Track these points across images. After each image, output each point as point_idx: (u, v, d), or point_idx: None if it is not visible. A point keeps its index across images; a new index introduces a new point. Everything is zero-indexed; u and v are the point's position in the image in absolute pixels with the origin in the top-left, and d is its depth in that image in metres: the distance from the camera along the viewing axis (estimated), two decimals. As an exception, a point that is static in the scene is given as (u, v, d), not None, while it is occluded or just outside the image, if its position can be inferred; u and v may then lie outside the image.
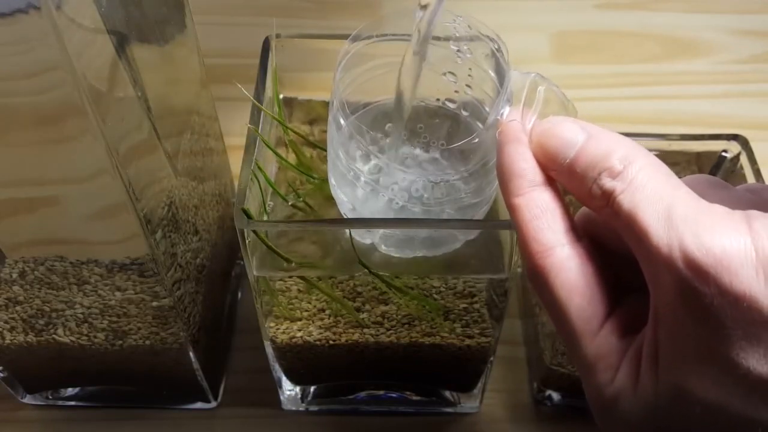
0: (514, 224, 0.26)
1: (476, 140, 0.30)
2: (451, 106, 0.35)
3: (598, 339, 0.25)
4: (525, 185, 0.26)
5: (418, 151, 0.32)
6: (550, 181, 0.26)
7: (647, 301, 0.24)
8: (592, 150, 0.24)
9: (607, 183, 0.24)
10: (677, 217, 0.22)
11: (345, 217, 0.33)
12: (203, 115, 0.43)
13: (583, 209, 0.27)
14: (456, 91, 0.34)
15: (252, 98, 0.36)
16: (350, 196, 0.32)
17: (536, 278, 0.25)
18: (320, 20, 0.68)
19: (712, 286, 0.21)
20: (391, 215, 0.31)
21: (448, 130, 0.35)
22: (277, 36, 0.38)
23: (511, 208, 0.26)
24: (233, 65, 0.55)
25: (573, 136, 0.25)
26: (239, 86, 0.36)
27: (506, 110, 0.28)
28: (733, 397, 0.22)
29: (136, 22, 0.32)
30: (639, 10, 0.71)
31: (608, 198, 0.24)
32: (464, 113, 0.35)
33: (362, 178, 0.31)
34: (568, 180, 0.25)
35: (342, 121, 0.30)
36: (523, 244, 0.25)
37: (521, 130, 0.27)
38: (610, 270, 0.26)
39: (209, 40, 0.44)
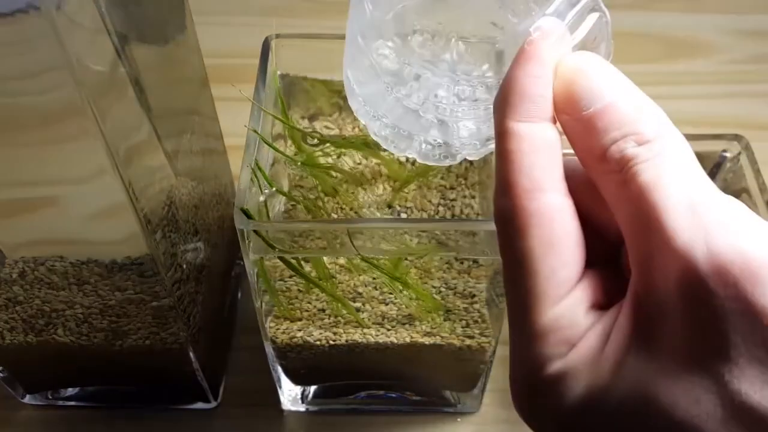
0: (499, 152, 0.22)
1: (501, 40, 0.26)
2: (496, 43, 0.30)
3: (560, 307, 0.22)
4: (534, 112, 0.22)
5: (448, 56, 0.28)
6: (553, 123, 0.23)
7: (615, 279, 0.22)
8: (624, 108, 0.21)
9: (630, 148, 0.20)
10: (704, 206, 0.20)
11: (348, 96, 0.30)
12: (203, 115, 0.43)
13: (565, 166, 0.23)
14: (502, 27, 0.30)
15: (252, 99, 0.36)
16: (360, 86, 0.29)
17: (512, 221, 0.22)
18: (320, 20, 0.68)
19: (730, 289, 0.19)
20: (396, 115, 0.29)
21: (487, 62, 0.31)
22: (277, 36, 0.38)
23: (507, 133, 0.22)
24: (233, 65, 0.55)
25: (608, 85, 0.22)
26: (237, 87, 0.36)
27: (547, 23, 0.23)
28: (709, 419, 0.19)
29: (136, 22, 0.32)
30: (639, 10, 0.71)
31: (625, 164, 0.21)
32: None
33: (383, 64, 0.27)
34: (581, 132, 0.22)
35: (368, 6, 0.27)
36: (508, 177, 0.22)
37: (552, 51, 0.22)
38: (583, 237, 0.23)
39: (209, 40, 0.44)
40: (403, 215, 0.37)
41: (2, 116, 0.27)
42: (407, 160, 0.39)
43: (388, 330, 0.38)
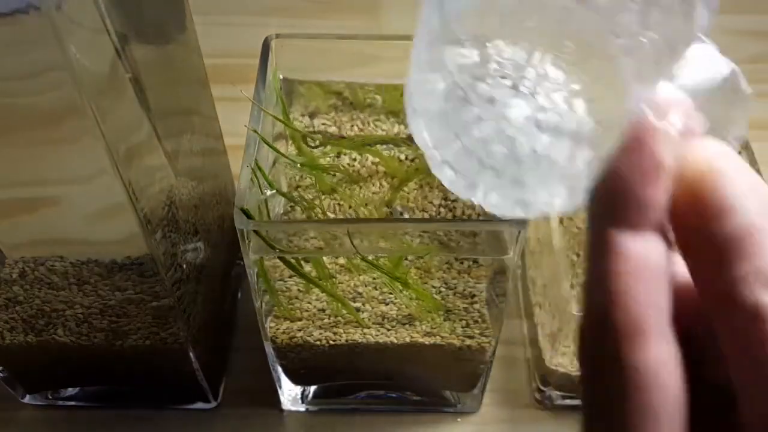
0: (594, 268, 0.17)
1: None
2: None
3: None
4: (641, 221, 0.17)
5: (531, 71, 0.21)
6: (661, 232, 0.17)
7: None
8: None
9: None
10: None
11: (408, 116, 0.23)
12: (203, 115, 0.43)
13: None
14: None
15: (252, 99, 0.36)
16: (423, 111, 0.23)
17: (609, 372, 0.17)
18: (320, 20, 0.68)
19: None
20: (458, 158, 0.22)
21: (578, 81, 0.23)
22: (277, 36, 0.38)
23: (607, 246, 0.17)
24: (233, 65, 0.55)
25: (751, 200, 0.16)
26: (237, 87, 0.36)
27: (667, 95, 0.17)
28: None
29: (136, 22, 0.32)
30: (639, 10, 0.71)
31: (760, 314, 0.15)
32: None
33: (450, 67, 0.21)
34: (704, 254, 0.17)
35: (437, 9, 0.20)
36: (607, 311, 0.17)
37: (673, 138, 0.17)
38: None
39: (209, 40, 0.44)
40: (406, 215, 0.37)
41: (2, 116, 0.27)
42: (407, 158, 0.39)
43: (388, 330, 0.38)
